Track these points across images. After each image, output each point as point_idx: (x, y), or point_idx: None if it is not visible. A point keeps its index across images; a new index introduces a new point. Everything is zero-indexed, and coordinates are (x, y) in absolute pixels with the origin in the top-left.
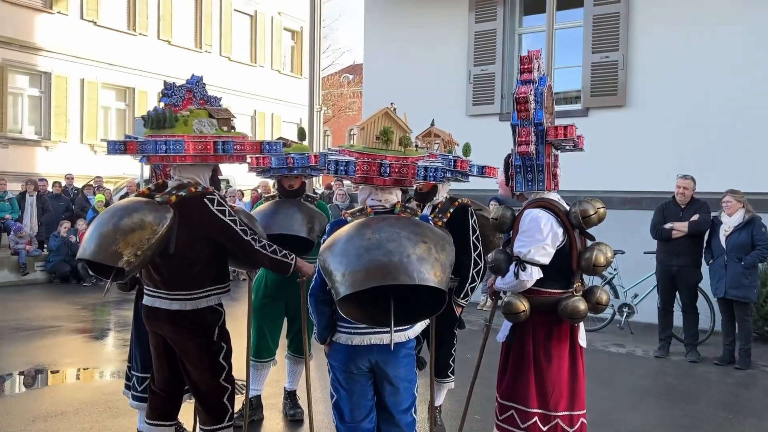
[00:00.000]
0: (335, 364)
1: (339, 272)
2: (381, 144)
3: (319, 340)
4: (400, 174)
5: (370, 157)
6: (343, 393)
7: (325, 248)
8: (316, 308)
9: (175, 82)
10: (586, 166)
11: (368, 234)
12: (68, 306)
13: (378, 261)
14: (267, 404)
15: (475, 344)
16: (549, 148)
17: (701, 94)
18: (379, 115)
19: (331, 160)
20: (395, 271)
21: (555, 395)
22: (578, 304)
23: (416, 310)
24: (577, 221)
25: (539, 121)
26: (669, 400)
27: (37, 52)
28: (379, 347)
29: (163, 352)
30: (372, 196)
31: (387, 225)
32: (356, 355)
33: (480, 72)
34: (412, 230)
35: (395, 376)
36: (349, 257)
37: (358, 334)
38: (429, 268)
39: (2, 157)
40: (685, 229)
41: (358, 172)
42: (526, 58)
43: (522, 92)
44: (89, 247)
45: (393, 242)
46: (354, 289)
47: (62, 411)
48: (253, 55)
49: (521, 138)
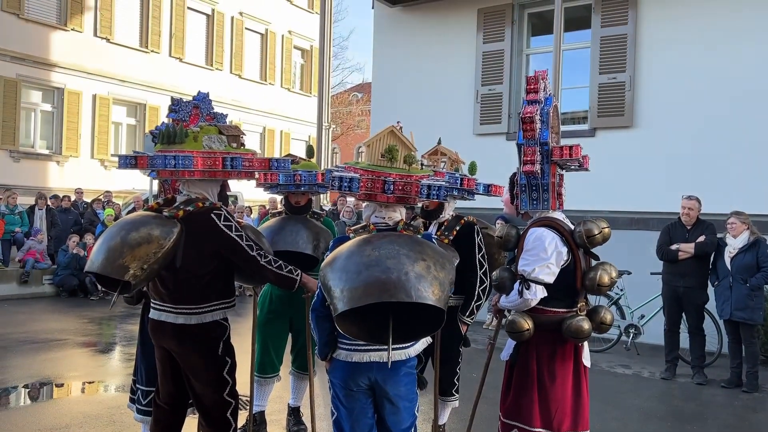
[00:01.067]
0: (335, 381)
1: (338, 288)
2: (386, 162)
3: (320, 356)
4: (404, 192)
5: (374, 174)
6: (343, 410)
7: (325, 264)
8: (318, 324)
9: (183, 98)
10: (592, 187)
11: (368, 251)
12: (75, 319)
13: (376, 278)
14: (271, 420)
15: (481, 363)
16: (554, 167)
17: (708, 115)
18: (384, 133)
19: (336, 176)
20: (393, 289)
21: (558, 415)
22: (582, 324)
23: (415, 328)
24: (582, 241)
25: (545, 140)
26: (675, 422)
27: (51, 68)
28: (379, 365)
29: (169, 366)
30: (376, 213)
31: (387, 242)
32: (356, 372)
33: (487, 92)
34: (411, 248)
35: (395, 395)
36: (348, 273)
37: (357, 351)
38: (427, 286)
39: (14, 171)
40: (692, 250)
41: (362, 189)
42: (532, 78)
43: (528, 112)
44: (97, 260)
45: (392, 259)
46: (351, 306)
47: (67, 424)
48: (264, 72)
49: (527, 157)
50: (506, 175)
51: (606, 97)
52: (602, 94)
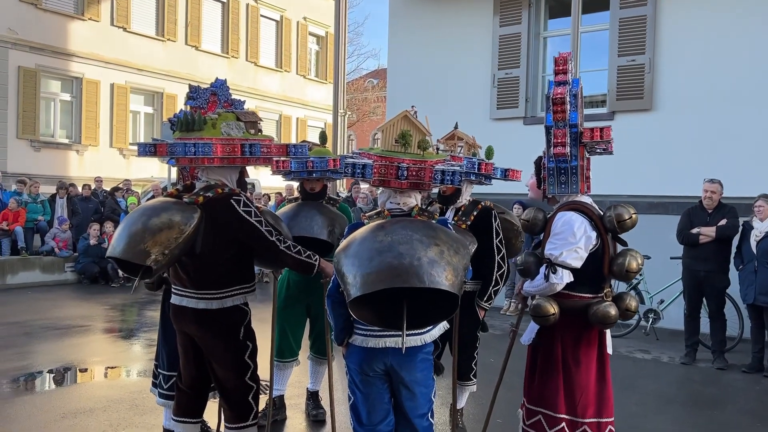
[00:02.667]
0: (351, 366)
1: (351, 274)
2: (399, 147)
3: (337, 342)
4: (417, 177)
5: (387, 160)
6: (360, 395)
7: (340, 250)
8: (333, 310)
9: (201, 86)
10: (611, 171)
11: (381, 236)
12: (97, 306)
13: (388, 263)
14: (290, 404)
15: (498, 348)
16: (582, 150)
17: (729, 97)
18: (398, 119)
19: (348, 163)
20: (405, 274)
21: (583, 401)
22: (609, 310)
23: (430, 313)
24: (612, 225)
25: (574, 122)
26: (695, 407)
27: (69, 58)
28: (395, 350)
29: (191, 351)
30: (391, 199)
31: (400, 227)
32: (372, 358)
33: (504, 76)
34: (425, 233)
35: (411, 381)
36: (361, 259)
37: (373, 337)
38: (441, 271)
39: (34, 160)
40: (713, 234)
41: (375, 175)
42: (560, 59)
43: (559, 93)
44: (118, 245)
45: (404, 245)
46: (364, 291)
47: (90, 408)
48: (279, 60)
49: (557, 140)
50: (524, 160)
51: (625, 80)
52: (621, 77)
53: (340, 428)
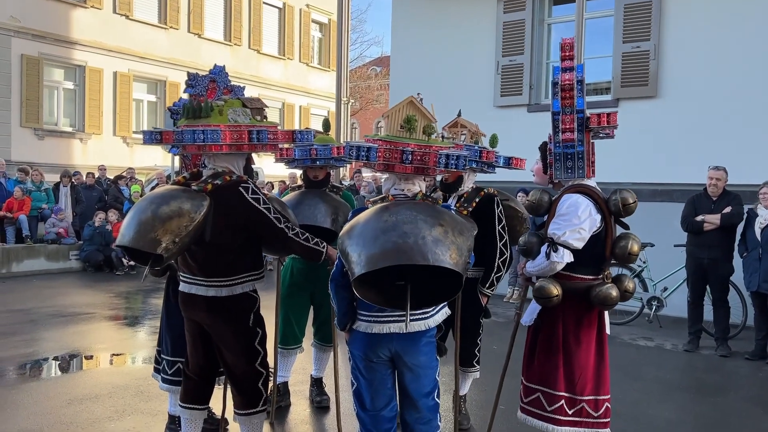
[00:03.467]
0: (355, 352)
1: (355, 253)
2: (405, 132)
3: (339, 327)
4: (422, 162)
5: (392, 145)
6: (363, 381)
7: (344, 232)
8: (337, 294)
9: (199, 73)
10: (616, 158)
11: (385, 216)
12: (101, 294)
13: (393, 242)
14: (294, 391)
15: (501, 335)
16: (588, 135)
17: (734, 84)
18: (403, 104)
19: (353, 146)
20: (410, 252)
21: (582, 380)
22: (611, 291)
23: (434, 295)
24: (617, 208)
25: (580, 108)
26: (698, 394)
27: (72, 46)
28: (399, 335)
29: (199, 338)
30: (395, 185)
31: (404, 208)
32: (376, 344)
33: (508, 63)
34: (429, 213)
35: (415, 365)
36: (365, 239)
37: (377, 322)
38: (445, 250)
39: (38, 148)
40: (717, 221)
41: (380, 159)
42: (567, 44)
43: (567, 79)
44: (128, 233)
45: (409, 224)
46: (368, 269)
47: (96, 394)
48: (282, 47)
49: (565, 125)
50: (528, 148)
51: (630, 67)
52: (626, 64)
53: (344, 414)
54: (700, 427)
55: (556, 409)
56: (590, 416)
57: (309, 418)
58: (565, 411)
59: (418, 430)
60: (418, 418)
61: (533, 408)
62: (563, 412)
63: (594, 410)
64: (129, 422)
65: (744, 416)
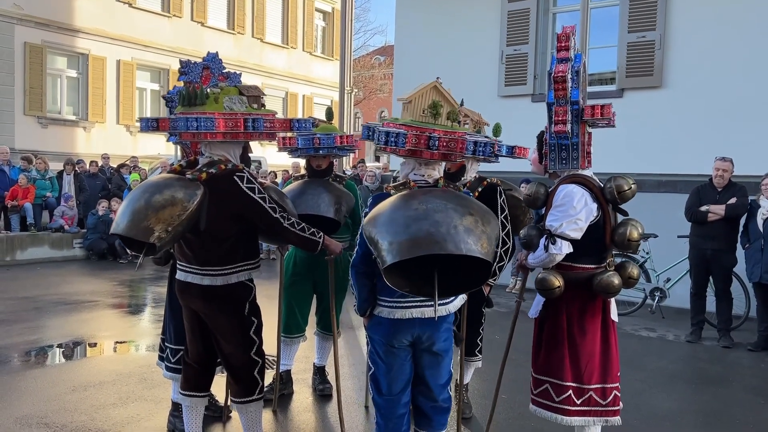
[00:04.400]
0: (375, 337)
1: (386, 241)
2: (429, 117)
3: (359, 312)
4: (448, 148)
5: (419, 130)
6: (383, 366)
7: (369, 219)
8: (357, 280)
9: (192, 60)
10: (620, 148)
11: (415, 204)
12: (105, 282)
13: (425, 230)
14: (297, 379)
15: (503, 325)
16: (584, 126)
17: (740, 74)
18: (427, 89)
19: (382, 132)
20: (442, 241)
21: (588, 369)
22: (612, 279)
23: (459, 283)
24: (612, 196)
25: (575, 99)
26: (700, 384)
27: (75, 34)
28: (421, 320)
29: (197, 326)
30: (415, 170)
31: (433, 197)
32: (398, 329)
33: (513, 52)
34: (458, 202)
35: (437, 350)
36: (396, 226)
37: (399, 308)
38: (476, 240)
39: (42, 136)
40: (722, 212)
41: (407, 145)
42: (563, 35)
43: (560, 71)
44: (122, 222)
45: (440, 213)
46: (401, 257)
47: (100, 381)
48: (286, 36)
49: (558, 117)
50: (532, 137)
51: (635, 57)
52: (631, 54)
53: (346, 403)
54: (701, 417)
55: (564, 399)
56: (598, 404)
57: (311, 406)
58: (573, 401)
59: (436, 420)
60: (434, 407)
61: (542, 399)
62: (571, 402)
63: (602, 398)
64: (132, 409)
65: (746, 407)
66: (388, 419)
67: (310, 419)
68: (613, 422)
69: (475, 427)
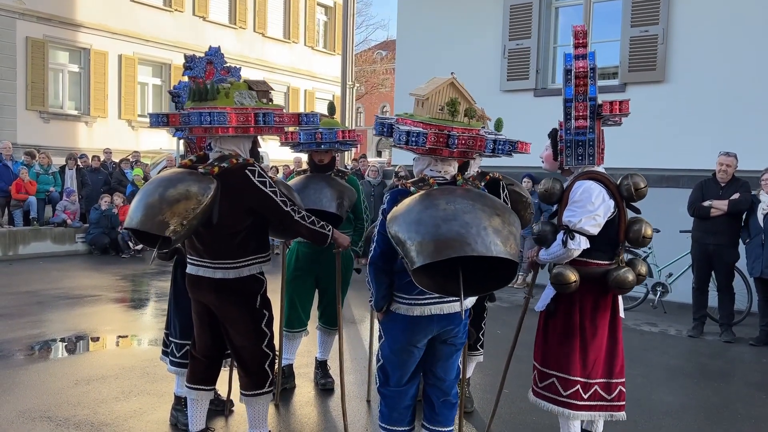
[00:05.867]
0: (393, 333)
1: (415, 241)
2: (446, 115)
3: (376, 308)
4: (467, 146)
5: (438, 128)
6: (396, 361)
7: (393, 218)
8: (376, 277)
9: (196, 54)
10: (623, 143)
11: (443, 205)
12: (108, 276)
13: (456, 231)
14: (299, 373)
15: (504, 320)
16: (599, 123)
17: (743, 68)
18: (444, 86)
19: (402, 131)
20: (473, 243)
21: (595, 364)
22: (627, 275)
23: (482, 281)
24: (629, 193)
25: (593, 95)
26: (701, 379)
27: (77, 29)
28: (440, 317)
29: (206, 320)
30: (431, 167)
31: (459, 197)
32: (416, 327)
33: (515, 46)
34: (484, 203)
35: (454, 344)
36: (426, 227)
37: (418, 305)
38: (504, 241)
39: (44, 131)
40: (725, 207)
41: (428, 144)
42: (580, 32)
43: (581, 67)
44: (136, 216)
45: (469, 214)
46: (432, 259)
47: (103, 375)
48: (287, 31)
49: (578, 113)
50: (534, 132)
51: (637, 51)
52: (634, 48)
53: (348, 397)
54: (703, 412)
55: (572, 394)
56: (603, 399)
57: (313, 400)
58: (581, 395)
59: (443, 415)
60: (445, 401)
61: (548, 393)
62: (579, 396)
63: (606, 393)
64: (135, 403)
65: (747, 401)
66: (394, 409)
67: (312, 413)
68: (619, 417)
69: (477, 421)
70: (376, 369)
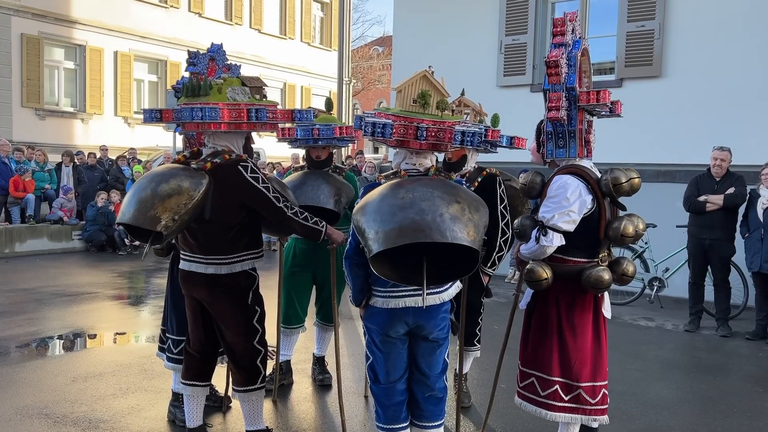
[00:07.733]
0: (372, 327)
1: (372, 230)
2: (418, 107)
3: (355, 303)
4: (437, 138)
5: (406, 120)
6: (380, 355)
7: (358, 208)
8: (351, 271)
9: (200, 51)
10: (619, 138)
11: (401, 193)
12: (105, 273)
13: (411, 219)
14: (296, 369)
15: (502, 315)
16: (582, 113)
17: (739, 63)
18: (416, 78)
19: (368, 123)
20: (428, 229)
21: (578, 365)
22: (602, 274)
23: (448, 271)
24: (608, 189)
25: (571, 85)
26: (698, 373)
27: (72, 25)
28: (415, 309)
29: (199, 316)
30: (407, 160)
31: (420, 185)
32: (393, 319)
33: (511, 42)
34: (445, 190)
35: (432, 338)
36: (382, 215)
37: (393, 297)
38: (462, 228)
39: (39, 128)
40: (720, 202)
41: (395, 135)
42: (559, 20)
43: (553, 56)
44: (128, 211)
45: (426, 201)
46: (387, 246)
47: (100, 372)
48: (283, 27)
49: (551, 103)
50: (531, 128)
51: (634, 46)
52: (630, 43)
53: (345, 393)
54: (699, 405)
55: (550, 394)
56: (588, 403)
57: (311, 396)
58: (561, 397)
59: (428, 410)
60: (429, 396)
61: (528, 393)
62: (558, 397)
63: (591, 397)
64: (133, 399)
65: (743, 395)
66: (386, 407)
67: (309, 409)
68: (601, 421)
69: (474, 416)
70: (366, 368)
